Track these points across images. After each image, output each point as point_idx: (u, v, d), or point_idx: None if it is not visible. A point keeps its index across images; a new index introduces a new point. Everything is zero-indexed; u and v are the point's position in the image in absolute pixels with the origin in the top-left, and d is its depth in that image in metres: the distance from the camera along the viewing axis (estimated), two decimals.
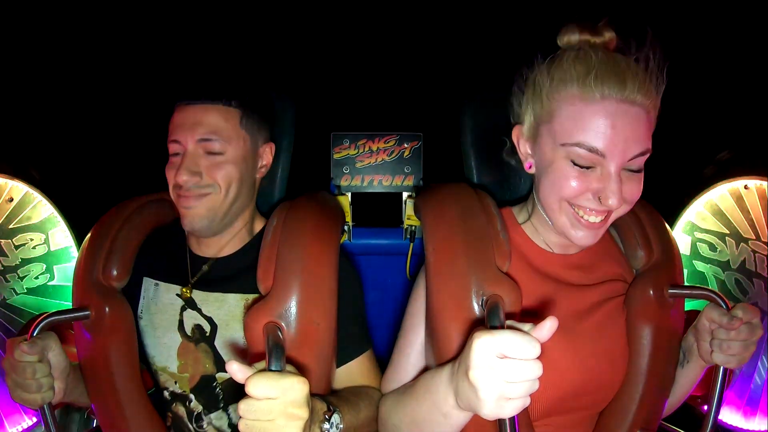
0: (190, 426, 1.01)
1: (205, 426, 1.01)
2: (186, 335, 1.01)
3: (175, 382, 1.02)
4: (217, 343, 1.00)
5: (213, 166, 0.97)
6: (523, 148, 0.90)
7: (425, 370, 0.91)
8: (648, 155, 0.79)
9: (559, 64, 0.82)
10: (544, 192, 0.85)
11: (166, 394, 1.02)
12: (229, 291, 1.02)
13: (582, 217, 0.82)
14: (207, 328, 1.01)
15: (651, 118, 0.79)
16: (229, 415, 1.01)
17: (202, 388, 1.01)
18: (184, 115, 0.97)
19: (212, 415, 1.01)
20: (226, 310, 1.01)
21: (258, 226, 1.10)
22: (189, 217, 0.98)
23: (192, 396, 1.01)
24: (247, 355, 0.93)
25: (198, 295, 1.02)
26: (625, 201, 0.80)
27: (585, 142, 0.77)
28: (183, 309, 1.02)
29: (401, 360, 0.95)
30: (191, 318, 1.02)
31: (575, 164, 0.79)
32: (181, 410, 1.02)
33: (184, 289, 1.03)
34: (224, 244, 1.05)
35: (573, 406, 0.89)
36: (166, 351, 1.02)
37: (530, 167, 0.90)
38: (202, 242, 1.06)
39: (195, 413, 1.01)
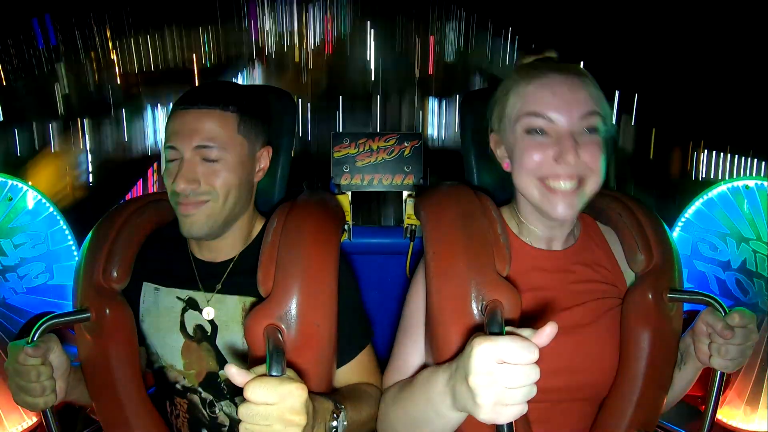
0: (205, 412, 1.04)
1: (217, 412, 1.03)
2: (188, 335, 1.03)
3: (184, 377, 1.04)
4: (219, 342, 1.02)
5: (211, 173, 0.95)
6: (500, 152, 0.97)
7: (424, 366, 0.91)
8: (597, 116, 0.86)
9: (513, 72, 0.95)
10: (518, 175, 0.91)
11: (178, 386, 1.04)
12: (227, 293, 1.03)
13: (553, 187, 0.86)
14: (208, 328, 1.02)
15: (589, 83, 0.88)
16: (236, 404, 1.02)
17: (209, 383, 1.03)
18: (182, 121, 0.96)
19: (222, 403, 1.03)
20: (224, 311, 1.02)
21: (257, 227, 1.10)
22: (188, 225, 0.97)
23: (200, 389, 1.04)
24: (248, 358, 0.93)
25: (199, 296, 1.03)
26: (587, 165, 0.86)
27: (533, 110, 0.87)
28: (184, 310, 1.03)
29: (401, 359, 0.96)
30: (192, 318, 1.03)
31: (531, 133, 0.88)
32: (195, 398, 1.04)
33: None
34: (224, 247, 1.06)
35: (558, 398, 0.91)
36: (170, 351, 1.04)
37: (507, 166, 0.96)
38: (203, 245, 1.07)
39: (208, 401, 1.04)
